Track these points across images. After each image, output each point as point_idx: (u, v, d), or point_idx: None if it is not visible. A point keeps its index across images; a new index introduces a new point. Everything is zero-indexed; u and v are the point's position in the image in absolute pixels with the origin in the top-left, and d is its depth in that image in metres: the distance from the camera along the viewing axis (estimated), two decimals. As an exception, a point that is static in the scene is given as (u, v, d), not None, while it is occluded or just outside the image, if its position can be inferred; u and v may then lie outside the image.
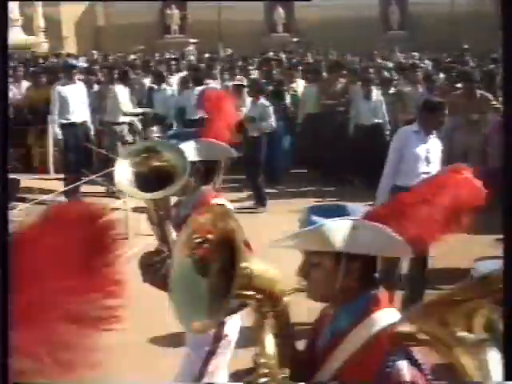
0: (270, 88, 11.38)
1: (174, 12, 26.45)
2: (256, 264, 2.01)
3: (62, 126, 9.56)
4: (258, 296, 2.04)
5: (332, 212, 2.09)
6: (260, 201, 9.73)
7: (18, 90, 12.79)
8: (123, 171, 3.16)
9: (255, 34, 25.40)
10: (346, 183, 10.77)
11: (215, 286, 2.01)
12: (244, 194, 10.15)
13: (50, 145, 11.43)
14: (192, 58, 18.88)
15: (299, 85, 12.17)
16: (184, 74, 13.02)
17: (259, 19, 26.66)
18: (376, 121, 10.58)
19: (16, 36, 25.52)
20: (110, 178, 9.90)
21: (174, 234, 3.21)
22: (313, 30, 24.91)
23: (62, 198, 8.53)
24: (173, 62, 15.08)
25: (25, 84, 13.01)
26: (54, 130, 9.66)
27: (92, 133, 10.22)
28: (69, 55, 20.72)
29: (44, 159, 11.86)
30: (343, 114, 11.03)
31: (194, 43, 24.70)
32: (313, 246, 2.06)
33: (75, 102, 9.74)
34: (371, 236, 2.03)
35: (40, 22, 25.57)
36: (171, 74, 13.20)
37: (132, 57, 19.29)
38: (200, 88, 10.78)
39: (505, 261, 0.91)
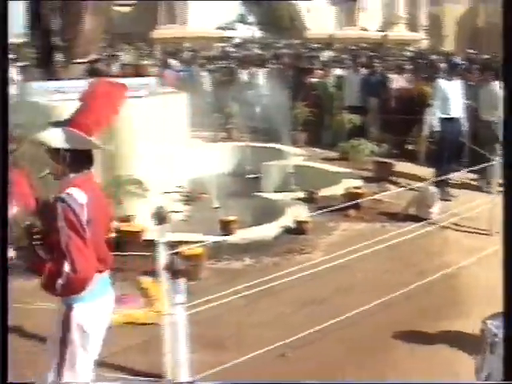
0: None
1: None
2: None
3: (441, 120, 10.09)
4: None
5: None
6: None
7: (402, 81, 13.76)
8: None
9: None
10: None
11: None
12: None
13: (425, 135, 12.09)
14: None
15: None
16: None
17: None
18: None
19: (398, 33, 26.99)
20: (481, 174, 10.11)
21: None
22: None
23: (433, 188, 8.99)
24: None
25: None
26: (432, 122, 10.23)
27: (465, 129, 10.49)
28: (447, 53, 21.27)
29: (419, 148, 12.62)
30: None
31: None
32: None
33: (454, 97, 10.21)
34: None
35: (423, 21, 26.61)
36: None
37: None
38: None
39: (505, 261, 0.93)
